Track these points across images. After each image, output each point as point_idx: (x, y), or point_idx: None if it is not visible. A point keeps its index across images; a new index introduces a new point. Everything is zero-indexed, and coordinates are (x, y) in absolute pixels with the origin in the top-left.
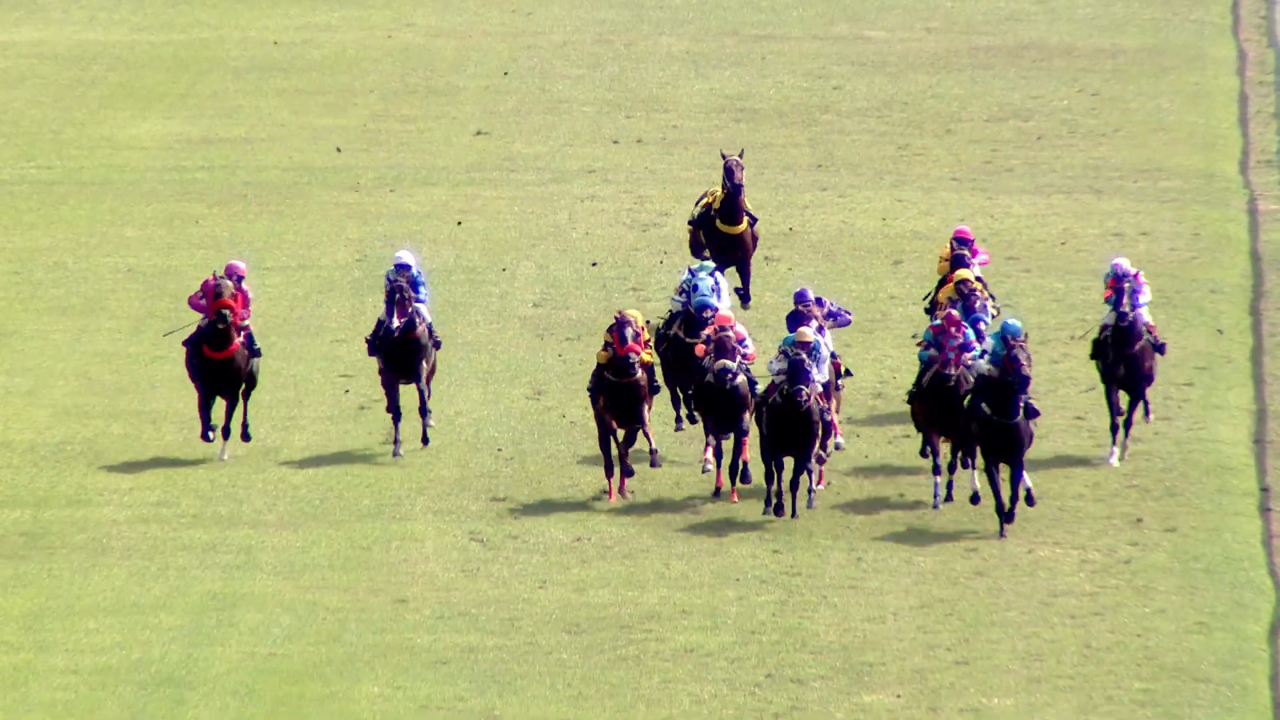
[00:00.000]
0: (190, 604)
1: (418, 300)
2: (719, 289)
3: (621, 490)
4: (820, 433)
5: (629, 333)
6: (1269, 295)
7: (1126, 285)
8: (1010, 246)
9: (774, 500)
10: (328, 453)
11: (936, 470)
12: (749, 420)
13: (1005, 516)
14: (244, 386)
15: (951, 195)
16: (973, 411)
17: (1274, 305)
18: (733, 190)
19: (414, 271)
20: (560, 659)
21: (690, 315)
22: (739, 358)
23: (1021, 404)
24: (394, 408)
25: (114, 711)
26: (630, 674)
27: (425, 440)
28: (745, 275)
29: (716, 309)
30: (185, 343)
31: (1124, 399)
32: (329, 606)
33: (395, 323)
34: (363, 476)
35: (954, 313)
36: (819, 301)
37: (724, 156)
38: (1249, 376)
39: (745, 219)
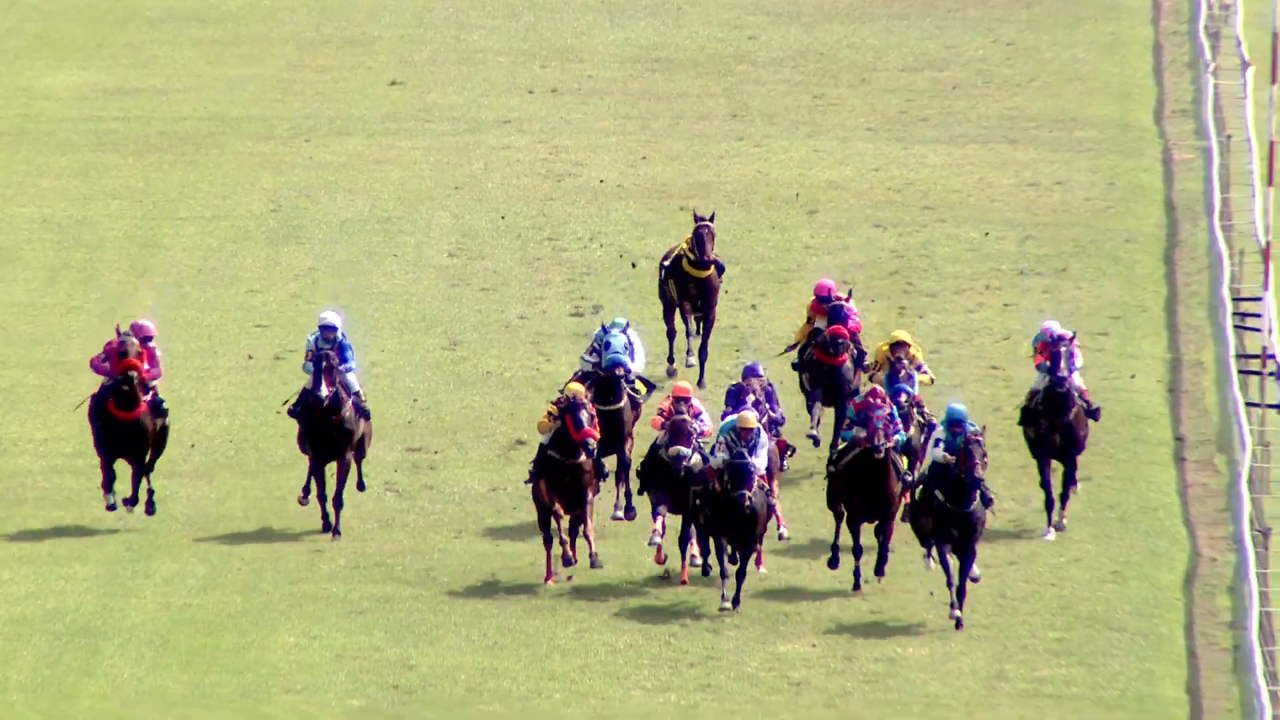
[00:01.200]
0: (105, 554)
1: (345, 369)
2: (632, 347)
3: (567, 561)
4: (763, 529)
5: (584, 416)
6: (1183, 245)
7: (1062, 349)
8: (925, 196)
9: (725, 578)
10: (242, 403)
11: (856, 550)
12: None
13: (958, 601)
14: (151, 452)
15: (867, 145)
16: (926, 501)
17: (1188, 255)
18: (703, 266)
19: (339, 335)
20: (476, 609)
21: (602, 379)
22: (694, 438)
23: (978, 493)
24: (319, 485)
25: (29, 661)
26: (546, 623)
27: (335, 531)
28: (707, 327)
29: (629, 368)
30: (92, 398)
31: (1055, 469)
32: (244, 557)
33: (324, 391)
34: (277, 427)
35: (877, 387)
36: (768, 388)
37: (696, 219)
38: (1163, 326)
39: (713, 266)
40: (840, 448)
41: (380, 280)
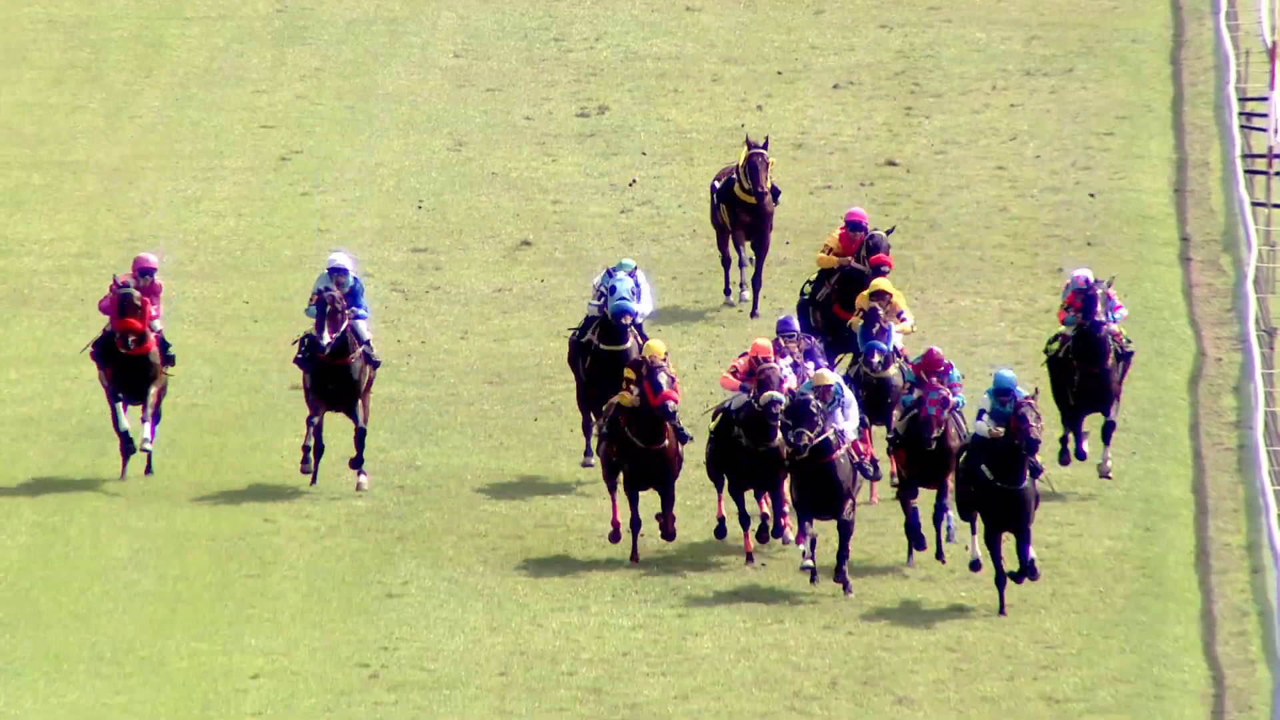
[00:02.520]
0: None
1: (355, 315)
2: (639, 291)
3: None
4: (847, 493)
5: (663, 378)
6: (1189, 44)
7: (1098, 293)
8: None
9: (809, 564)
10: (249, 204)
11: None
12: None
13: (1004, 580)
14: (155, 394)
15: None
16: (971, 474)
17: (1194, 54)
18: (758, 196)
19: (350, 278)
20: (481, 410)
21: (608, 322)
22: (785, 386)
23: (1028, 467)
24: (316, 436)
25: (35, 461)
26: (552, 424)
27: (359, 485)
28: (761, 254)
29: (635, 313)
30: (95, 343)
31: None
32: (250, 358)
33: (326, 338)
34: (284, 228)
35: (936, 350)
36: (809, 347)
37: (750, 146)
38: (1169, 126)
39: (769, 190)
40: (899, 416)
41: (386, 81)
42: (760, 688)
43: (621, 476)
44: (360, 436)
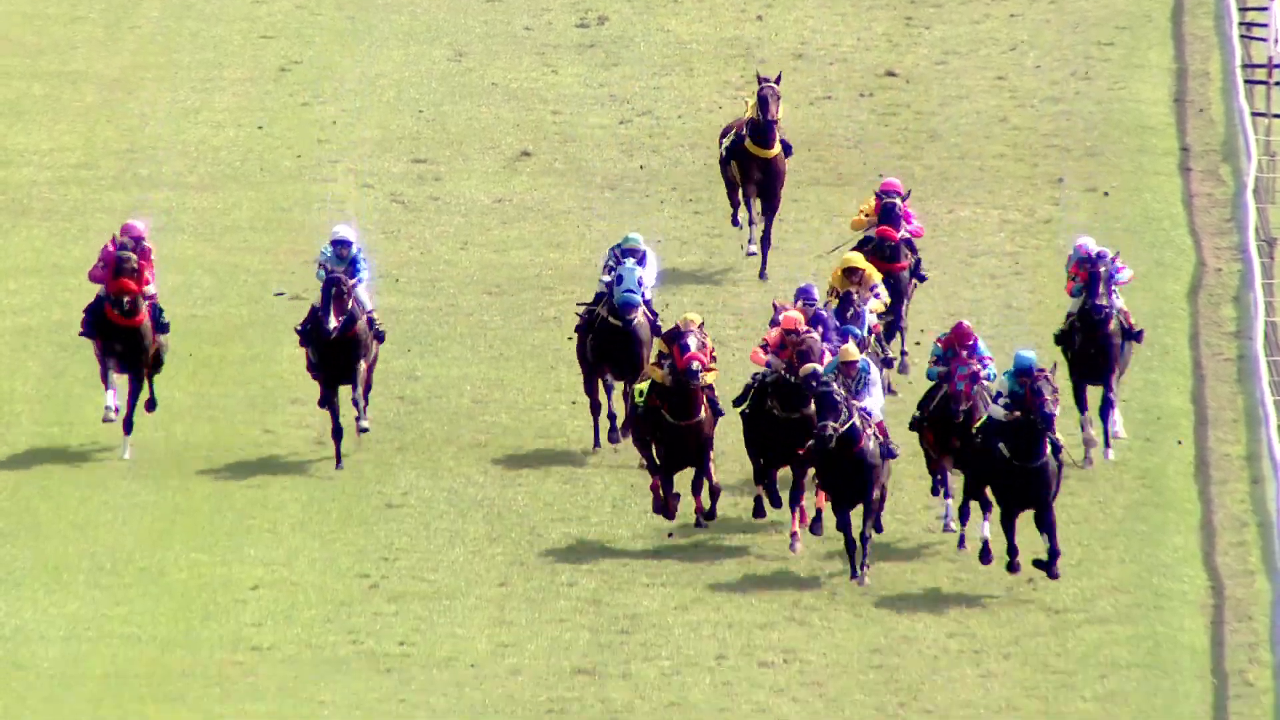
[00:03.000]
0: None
1: (356, 283)
2: (645, 263)
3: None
4: (875, 482)
5: (692, 341)
6: None
7: (1101, 270)
8: None
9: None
10: (248, 115)
11: (945, 492)
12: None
13: (1016, 550)
14: (148, 367)
15: None
16: (987, 454)
17: None
18: (765, 125)
19: (353, 250)
20: (481, 320)
21: (615, 308)
22: (825, 358)
23: (1047, 443)
24: (333, 418)
25: (35, 372)
26: (551, 335)
27: (360, 429)
28: (771, 212)
29: (638, 305)
30: (86, 310)
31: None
32: (250, 269)
33: (332, 323)
34: (284, 138)
35: (965, 324)
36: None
37: (760, 81)
38: (1169, 35)
39: (779, 144)
40: (928, 392)
41: None
42: (760, 598)
43: (657, 458)
44: (358, 405)
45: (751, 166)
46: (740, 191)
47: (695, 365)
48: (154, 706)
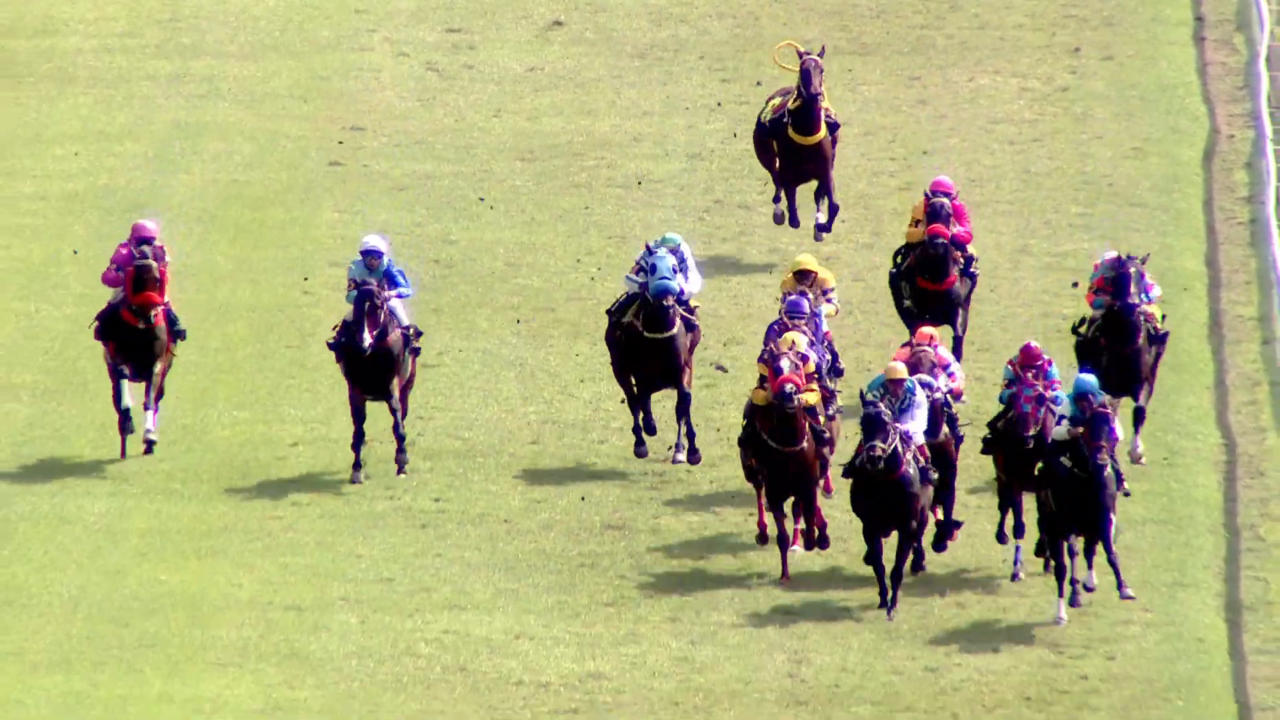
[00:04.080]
0: (155, 132)
1: (392, 296)
2: (684, 265)
3: (795, 541)
4: (917, 509)
5: (785, 364)
6: None
7: (1132, 270)
8: None
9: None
10: None
11: (1017, 530)
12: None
13: (1064, 572)
14: (161, 367)
15: None
16: (1050, 472)
17: None
18: (808, 99)
19: (386, 261)
20: (514, 185)
21: (650, 304)
22: (944, 379)
23: (1109, 462)
24: (357, 429)
25: (81, 234)
26: (583, 199)
27: (400, 469)
28: (825, 190)
29: (678, 293)
30: (99, 316)
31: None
32: (289, 134)
33: (367, 339)
34: (322, 8)
35: (1034, 345)
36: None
37: (801, 55)
38: None
39: (824, 126)
40: (999, 413)
41: None
42: None
43: (763, 488)
44: (398, 429)
45: (793, 154)
46: (779, 175)
47: (789, 387)
48: (195, 560)
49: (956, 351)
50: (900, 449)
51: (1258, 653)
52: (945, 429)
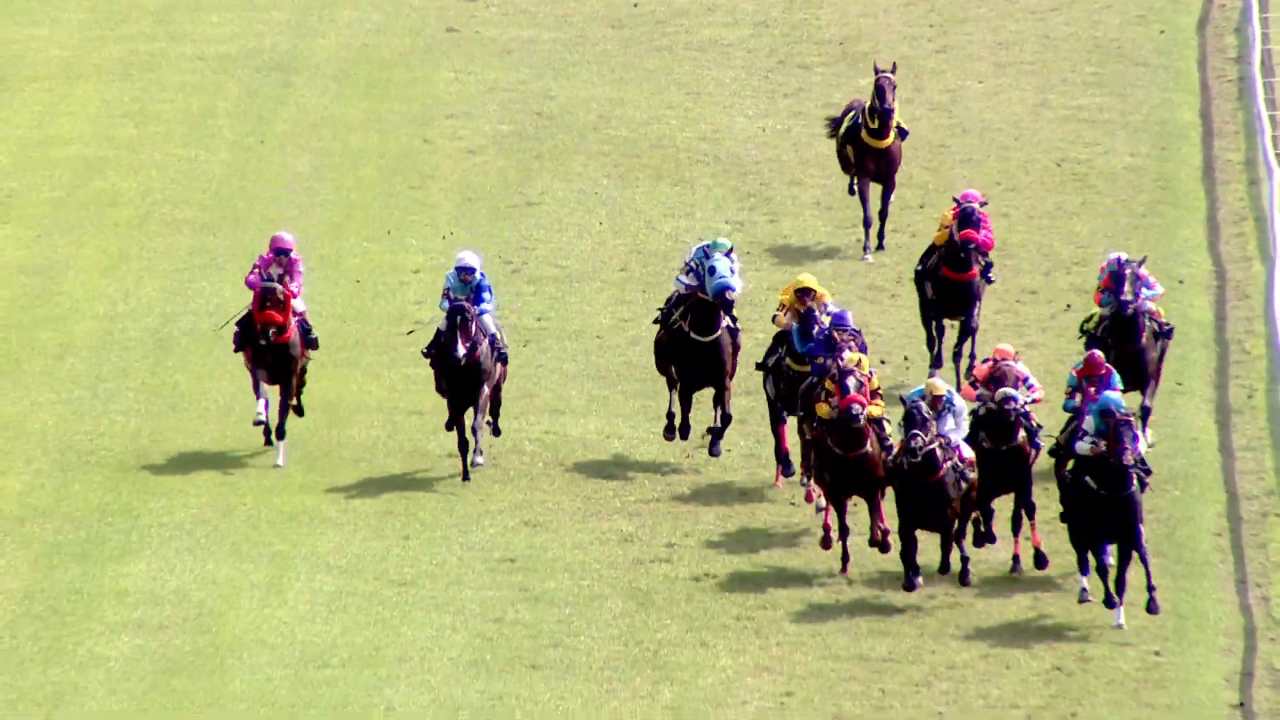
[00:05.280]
0: (296, 1)
1: (481, 311)
2: (734, 271)
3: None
4: (953, 513)
5: (851, 382)
6: None
7: (1128, 272)
8: None
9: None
10: None
11: (1086, 569)
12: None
13: (1107, 572)
14: (296, 379)
15: None
16: (1076, 487)
17: None
18: (884, 113)
19: (478, 275)
20: (605, 49)
21: (699, 304)
22: (1024, 391)
23: (1134, 476)
24: (459, 434)
25: (233, 91)
26: (664, 62)
27: (474, 463)
28: (888, 193)
29: (735, 288)
30: (238, 323)
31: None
32: (412, 4)
33: (460, 351)
34: None
35: (1097, 354)
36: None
37: (877, 72)
38: None
39: (895, 132)
40: (1068, 434)
41: None
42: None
43: (828, 489)
44: (476, 432)
45: (867, 158)
46: (855, 178)
47: (855, 409)
48: (331, 370)
49: (967, 340)
50: (939, 453)
51: (1244, 450)
52: (1022, 435)
